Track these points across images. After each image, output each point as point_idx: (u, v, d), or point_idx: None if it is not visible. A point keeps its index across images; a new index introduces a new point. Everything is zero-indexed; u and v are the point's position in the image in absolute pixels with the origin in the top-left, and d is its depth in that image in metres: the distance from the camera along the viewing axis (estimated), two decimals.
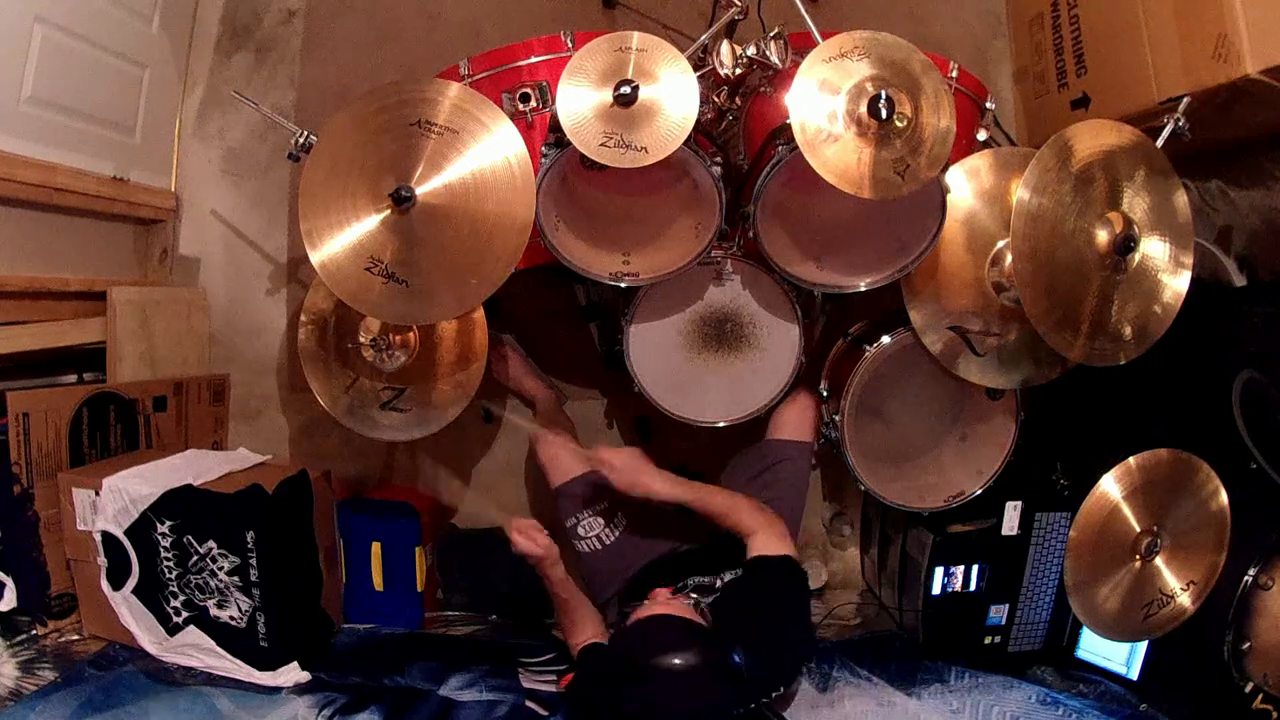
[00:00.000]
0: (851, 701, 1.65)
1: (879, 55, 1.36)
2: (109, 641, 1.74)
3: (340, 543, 1.98)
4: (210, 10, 2.23)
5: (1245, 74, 1.43)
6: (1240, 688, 1.52)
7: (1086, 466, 1.66)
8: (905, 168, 1.36)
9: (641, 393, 1.71)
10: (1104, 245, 1.48)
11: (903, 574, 1.96)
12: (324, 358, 1.76)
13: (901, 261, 1.55)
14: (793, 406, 1.80)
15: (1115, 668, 1.78)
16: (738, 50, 1.45)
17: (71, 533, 1.70)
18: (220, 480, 1.72)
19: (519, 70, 1.54)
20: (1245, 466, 1.60)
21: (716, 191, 1.46)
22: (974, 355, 1.64)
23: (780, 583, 1.45)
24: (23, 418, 1.64)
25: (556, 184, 1.49)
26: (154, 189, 2.11)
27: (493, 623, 2.06)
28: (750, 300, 1.69)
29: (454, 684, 1.69)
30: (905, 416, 1.82)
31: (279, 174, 2.21)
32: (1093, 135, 1.48)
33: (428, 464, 2.22)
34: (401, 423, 1.74)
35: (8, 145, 1.63)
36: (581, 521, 1.71)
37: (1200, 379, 1.71)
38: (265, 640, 1.67)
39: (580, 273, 1.53)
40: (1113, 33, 1.77)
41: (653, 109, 1.35)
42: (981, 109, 1.67)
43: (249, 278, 2.23)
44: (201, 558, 1.65)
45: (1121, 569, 1.55)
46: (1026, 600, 1.86)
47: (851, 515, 2.25)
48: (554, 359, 2.16)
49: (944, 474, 1.81)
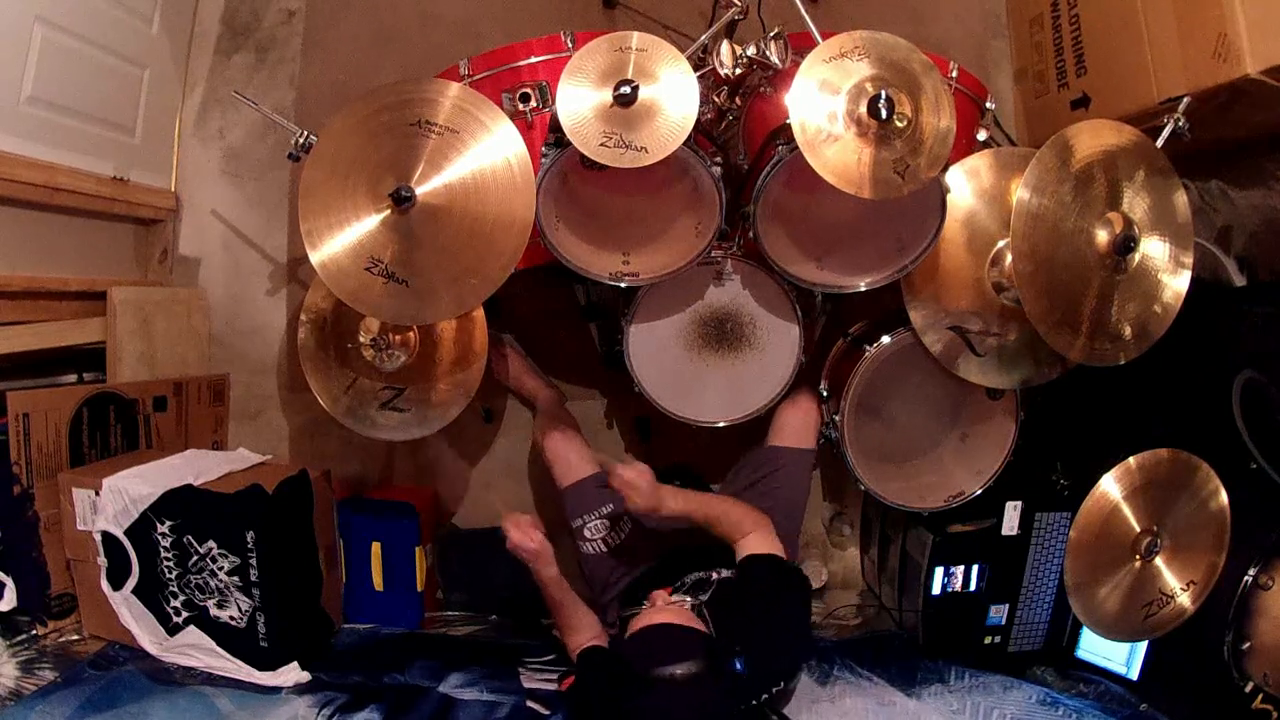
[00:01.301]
0: (851, 699, 1.65)
1: (879, 55, 1.36)
2: (109, 641, 1.74)
3: (340, 543, 1.98)
4: (210, 10, 2.23)
5: (1245, 74, 1.43)
6: (1240, 688, 1.52)
7: (1086, 466, 1.66)
8: (905, 168, 1.36)
9: (641, 393, 1.71)
10: (1104, 245, 1.48)
11: (903, 574, 1.96)
12: (324, 358, 1.76)
13: (901, 261, 1.55)
14: (794, 411, 1.79)
15: (1115, 668, 1.77)
16: (738, 50, 1.45)
17: (71, 533, 1.70)
18: (220, 480, 1.72)
19: (519, 70, 1.54)
20: (1245, 466, 1.60)
21: (716, 191, 1.46)
22: (974, 355, 1.64)
23: (773, 581, 1.47)
24: (23, 418, 1.64)
25: (556, 184, 1.49)
26: (154, 189, 2.11)
27: (493, 623, 2.06)
28: (750, 300, 1.69)
29: (454, 682, 1.69)
30: (905, 416, 1.82)
31: (279, 174, 2.21)
32: (1093, 135, 1.48)
33: (428, 464, 2.22)
34: (401, 423, 1.74)
35: (8, 145, 1.63)
36: (589, 523, 1.71)
37: (1200, 379, 1.70)
38: (265, 640, 1.67)
39: (580, 273, 1.53)
40: (1113, 33, 1.77)
41: (653, 109, 1.35)
42: (981, 109, 1.67)
43: (249, 278, 2.23)
44: (201, 558, 1.65)
45: (1121, 569, 1.55)
46: (1026, 600, 1.86)
47: (851, 515, 2.25)
48: (554, 359, 2.16)
49: (944, 474, 1.81)
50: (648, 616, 1.40)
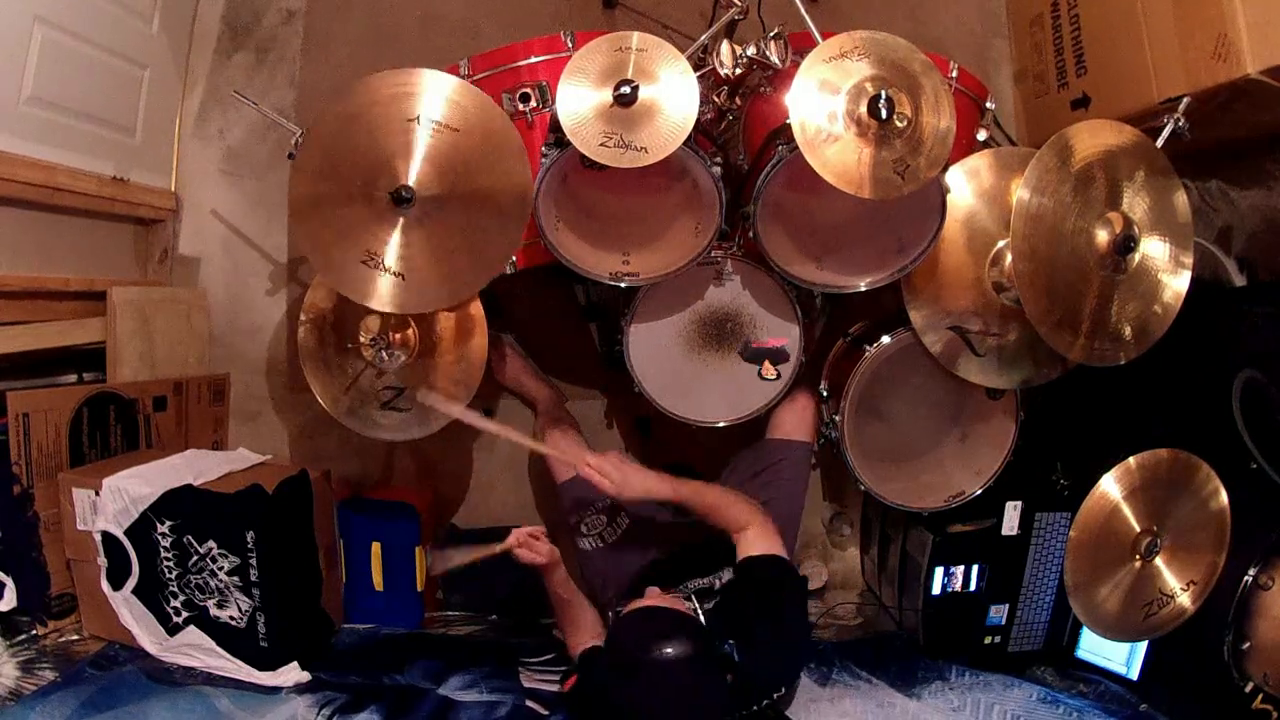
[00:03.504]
0: (851, 701, 1.65)
1: (879, 55, 1.36)
2: (109, 641, 1.74)
3: (340, 543, 1.98)
4: (210, 10, 2.23)
5: (1245, 74, 1.43)
6: (1240, 688, 1.52)
7: (1086, 466, 1.66)
8: (905, 168, 1.36)
9: (641, 393, 1.71)
10: (1104, 245, 1.48)
11: (903, 574, 1.96)
12: (324, 357, 1.75)
13: (901, 261, 1.55)
14: (792, 406, 1.80)
15: (1115, 668, 1.78)
16: (738, 50, 1.45)
17: (71, 533, 1.70)
18: (220, 480, 1.72)
19: (519, 70, 1.54)
20: (1245, 466, 1.60)
21: (716, 191, 1.46)
22: (974, 355, 1.64)
23: (773, 582, 1.45)
24: (23, 418, 1.64)
25: (556, 184, 1.49)
26: (154, 189, 2.11)
27: (493, 623, 2.06)
28: (750, 300, 1.69)
29: (454, 684, 1.69)
30: (905, 416, 1.82)
31: (279, 174, 2.20)
32: (1093, 135, 1.48)
33: (428, 464, 2.22)
34: (401, 423, 1.74)
35: (8, 145, 1.63)
36: (585, 519, 1.71)
37: (1200, 379, 1.71)
38: (265, 640, 1.67)
39: (580, 273, 1.53)
40: (1113, 33, 1.77)
41: (653, 109, 1.35)
42: (981, 109, 1.67)
43: (248, 278, 2.23)
44: (201, 558, 1.65)
45: (1121, 569, 1.55)
46: (1026, 600, 1.86)
47: (851, 515, 2.25)
48: (554, 359, 2.16)
49: (944, 474, 1.81)
50: (635, 603, 1.39)
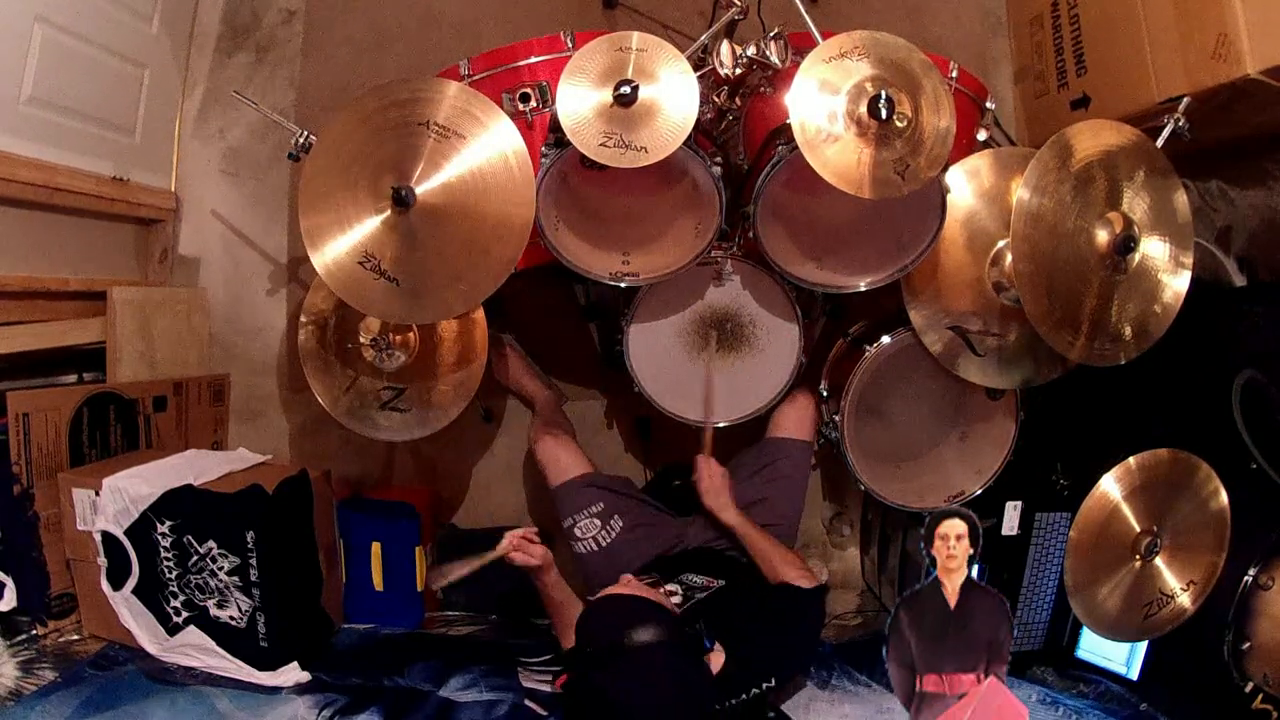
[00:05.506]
0: (850, 705, 1.65)
1: (879, 55, 1.36)
2: (109, 641, 1.74)
3: (340, 543, 1.98)
4: (210, 10, 2.23)
5: (1245, 74, 1.43)
6: (1240, 688, 1.52)
7: (1086, 466, 1.66)
8: (905, 168, 1.36)
9: (641, 393, 1.71)
10: (1104, 245, 1.47)
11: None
12: (324, 358, 1.76)
13: (901, 261, 1.55)
14: (792, 406, 1.80)
15: (1115, 668, 1.77)
16: (738, 50, 1.45)
17: (71, 533, 1.70)
18: (220, 480, 1.72)
19: (519, 70, 1.54)
20: (1245, 466, 1.60)
21: (716, 191, 1.46)
22: (974, 355, 1.64)
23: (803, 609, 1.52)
24: (23, 418, 1.64)
25: (556, 184, 1.49)
26: (154, 189, 2.11)
27: (493, 623, 2.06)
28: (750, 300, 1.69)
29: (454, 685, 1.69)
30: (905, 416, 1.82)
31: (279, 174, 2.21)
32: (1093, 135, 1.48)
33: (428, 464, 2.22)
34: (401, 423, 1.74)
35: (8, 145, 1.63)
36: (579, 522, 1.71)
37: (1200, 379, 1.70)
38: (265, 640, 1.67)
39: (580, 273, 1.53)
40: (1113, 33, 1.77)
41: (653, 109, 1.35)
42: (981, 109, 1.67)
43: (249, 278, 2.23)
44: (201, 558, 1.65)
45: (1121, 569, 1.55)
46: (1026, 600, 1.86)
47: (851, 515, 2.25)
48: (554, 359, 2.16)
49: (944, 474, 1.81)
50: (603, 592, 1.38)
